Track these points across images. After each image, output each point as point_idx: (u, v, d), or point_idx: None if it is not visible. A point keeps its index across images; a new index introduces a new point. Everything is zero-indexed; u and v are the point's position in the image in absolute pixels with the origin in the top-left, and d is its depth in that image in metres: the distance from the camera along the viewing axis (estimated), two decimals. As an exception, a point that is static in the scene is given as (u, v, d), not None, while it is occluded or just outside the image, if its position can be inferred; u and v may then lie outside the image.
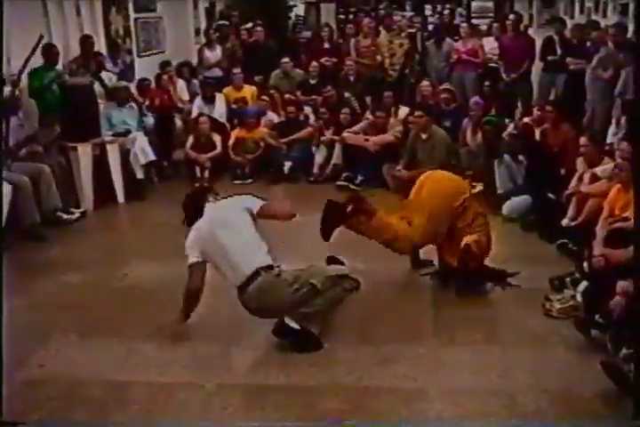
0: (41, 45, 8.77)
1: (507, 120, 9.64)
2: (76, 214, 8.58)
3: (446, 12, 16.54)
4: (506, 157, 8.47)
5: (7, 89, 8.20)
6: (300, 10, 21.08)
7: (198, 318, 5.85)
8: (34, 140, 8.56)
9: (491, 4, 19.97)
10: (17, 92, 8.51)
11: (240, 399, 4.72)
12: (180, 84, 11.95)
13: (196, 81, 12.36)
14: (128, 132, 9.72)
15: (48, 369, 5.15)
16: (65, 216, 8.44)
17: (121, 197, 9.44)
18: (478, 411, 4.49)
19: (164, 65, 11.95)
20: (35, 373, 5.10)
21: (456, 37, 12.72)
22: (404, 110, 10.45)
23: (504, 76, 11.78)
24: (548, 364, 5.02)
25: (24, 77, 8.77)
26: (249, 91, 11.96)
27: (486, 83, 11.21)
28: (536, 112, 9.38)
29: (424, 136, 9.36)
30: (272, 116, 11.27)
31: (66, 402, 4.73)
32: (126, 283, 6.72)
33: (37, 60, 9.07)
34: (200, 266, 5.53)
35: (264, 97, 11.54)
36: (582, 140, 7.62)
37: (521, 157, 8.40)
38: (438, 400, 4.62)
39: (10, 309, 5.83)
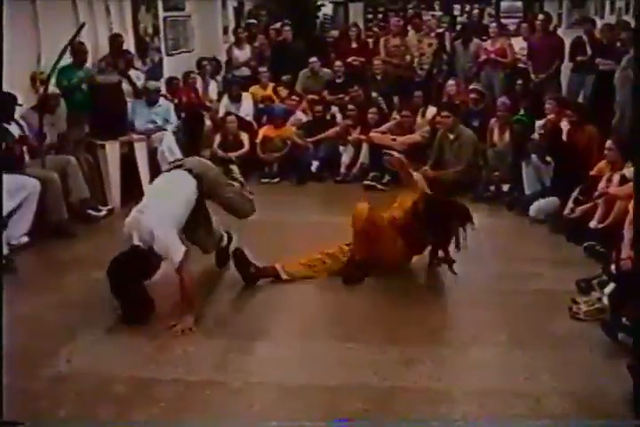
0: (76, 39, 8.85)
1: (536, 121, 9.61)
2: (104, 211, 8.63)
3: (475, 11, 16.47)
4: (533, 157, 8.44)
5: (51, 88, 8.29)
6: (327, 9, 21.07)
7: (225, 316, 5.89)
8: (64, 139, 8.64)
9: (520, 4, 19.88)
10: (54, 90, 8.60)
11: (265, 398, 4.71)
12: (211, 82, 12.00)
13: (219, 78, 12.42)
14: (159, 129, 9.77)
15: (75, 365, 5.17)
16: (93, 213, 8.50)
17: (149, 196, 9.47)
18: (503, 413, 4.47)
19: (201, 61, 12.02)
20: (62, 368, 5.13)
21: (484, 37, 12.68)
22: (431, 110, 10.44)
23: (533, 76, 11.73)
24: (574, 366, 4.98)
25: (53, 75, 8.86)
26: (275, 89, 12.00)
27: (518, 81, 11.16)
28: (548, 106, 9.34)
29: (451, 136, 9.38)
30: (300, 116, 11.28)
31: (92, 398, 4.75)
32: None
33: (67, 59, 9.13)
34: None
35: (293, 96, 11.55)
36: (608, 143, 7.58)
37: (548, 158, 8.36)
38: (463, 401, 4.60)
39: (38, 305, 5.93)
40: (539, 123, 9.28)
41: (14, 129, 7.79)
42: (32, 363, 5.18)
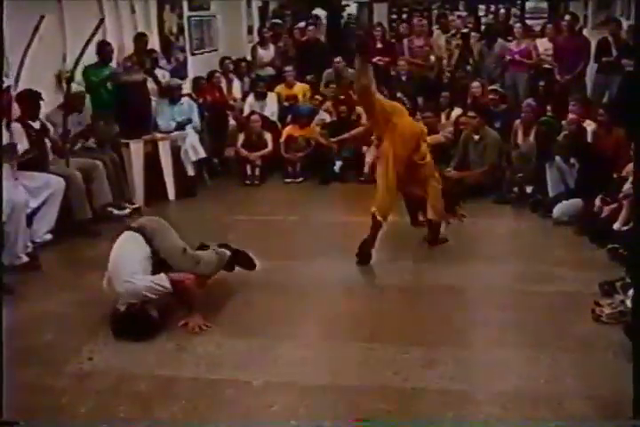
0: (97, 40, 8.90)
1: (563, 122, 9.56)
2: (127, 210, 8.67)
3: (502, 11, 16.40)
4: (558, 159, 8.40)
5: (74, 86, 8.34)
6: (352, 9, 21.05)
7: (247, 316, 5.90)
8: (87, 136, 8.68)
9: (545, 5, 19.78)
10: (79, 89, 8.65)
11: (286, 397, 4.71)
12: (235, 81, 12.03)
13: (246, 79, 12.45)
14: (182, 126, 9.82)
15: (97, 363, 5.20)
16: (116, 211, 8.54)
17: (172, 194, 9.53)
18: (525, 415, 4.45)
19: (224, 60, 12.08)
20: (84, 366, 5.16)
21: (509, 38, 12.64)
22: (456, 111, 10.42)
23: (558, 77, 11.68)
24: (597, 369, 4.96)
25: (79, 74, 8.91)
26: (301, 89, 12.01)
27: (541, 83, 11.12)
28: (571, 107, 9.29)
29: (476, 137, 9.37)
30: (324, 116, 11.28)
31: (113, 396, 4.78)
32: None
33: (92, 58, 9.19)
34: None
35: (317, 96, 11.56)
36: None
37: (573, 160, 8.32)
38: (485, 403, 4.59)
39: (62, 302, 5.96)
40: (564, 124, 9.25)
41: (37, 126, 7.82)
42: (54, 360, 5.22)
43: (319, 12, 17.77)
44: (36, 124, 7.78)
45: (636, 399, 4.11)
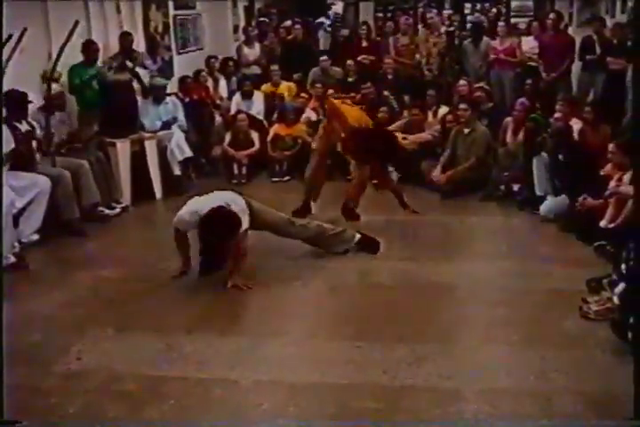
0: (82, 39, 8.89)
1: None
2: (117, 209, 8.68)
3: (494, 10, 16.45)
4: (544, 156, 8.42)
5: (55, 86, 8.32)
6: (338, 8, 21.05)
7: (235, 314, 5.91)
8: (75, 137, 8.67)
9: (531, 3, 19.83)
10: (60, 88, 8.63)
11: (275, 396, 4.72)
12: (222, 80, 12.03)
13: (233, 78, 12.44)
14: (168, 126, 9.81)
15: (85, 362, 5.19)
16: (106, 211, 8.54)
17: (158, 193, 9.53)
18: (514, 412, 4.46)
19: (209, 59, 12.07)
20: (72, 366, 5.14)
21: (496, 36, 12.66)
22: (443, 109, 10.43)
23: (544, 75, 11.71)
24: (585, 366, 4.97)
25: (64, 74, 8.89)
26: (286, 87, 12.02)
27: (528, 81, 11.15)
28: (559, 107, 9.31)
29: (466, 131, 9.43)
30: (310, 114, 11.27)
31: (102, 395, 4.76)
32: (163, 278, 6.76)
33: (77, 57, 9.16)
34: None
35: (303, 94, 11.56)
36: (611, 146, 7.52)
37: (561, 157, 8.34)
38: (473, 400, 4.59)
39: (49, 302, 5.94)
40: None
41: (25, 127, 7.80)
42: (42, 360, 5.20)
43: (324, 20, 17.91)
44: (24, 125, 7.76)
45: (637, 400, 4.13)
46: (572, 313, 5.72)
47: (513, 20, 16.86)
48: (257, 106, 11.59)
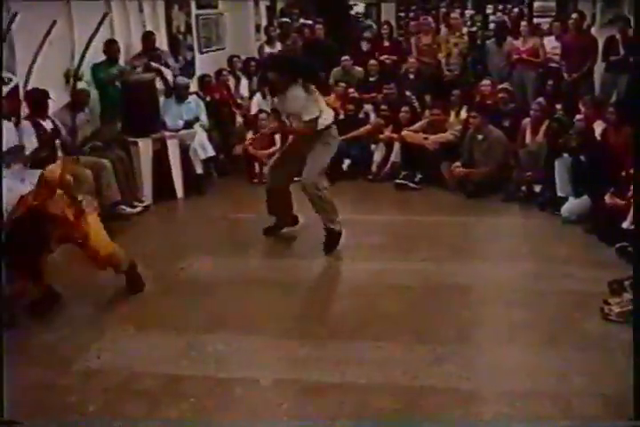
0: (104, 38, 8.92)
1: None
2: (139, 208, 8.71)
3: (515, 10, 16.36)
4: (566, 156, 8.38)
5: (79, 84, 8.35)
6: (360, 7, 21.05)
7: (255, 314, 5.91)
8: (97, 136, 8.70)
9: (553, 3, 19.73)
10: (86, 87, 8.67)
11: (295, 396, 4.73)
12: (243, 80, 12.04)
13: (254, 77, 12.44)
14: (190, 125, 9.84)
15: (105, 361, 5.21)
16: (128, 209, 8.56)
17: (180, 192, 9.54)
18: (534, 414, 4.45)
19: (232, 58, 12.09)
20: (92, 364, 5.17)
21: (519, 36, 12.59)
22: (465, 110, 10.40)
23: (565, 75, 11.65)
24: (606, 368, 4.95)
25: (87, 73, 8.93)
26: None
27: (549, 82, 11.10)
28: (582, 108, 9.25)
29: (480, 137, 9.38)
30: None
31: (121, 394, 4.78)
32: (183, 277, 6.78)
33: (100, 56, 9.21)
34: None
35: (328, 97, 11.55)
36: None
37: (583, 158, 8.30)
38: (493, 402, 4.59)
39: (70, 300, 5.96)
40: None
41: (47, 125, 7.84)
42: (62, 358, 5.23)
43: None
44: (48, 124, 7.80)
45: (637, 400, 4.11)
46: (593, 315, 5.69)
47: (535, 21, 16.75)
48: (278, 106, 11.57)
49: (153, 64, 9.93)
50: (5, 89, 7.57)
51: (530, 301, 6.10)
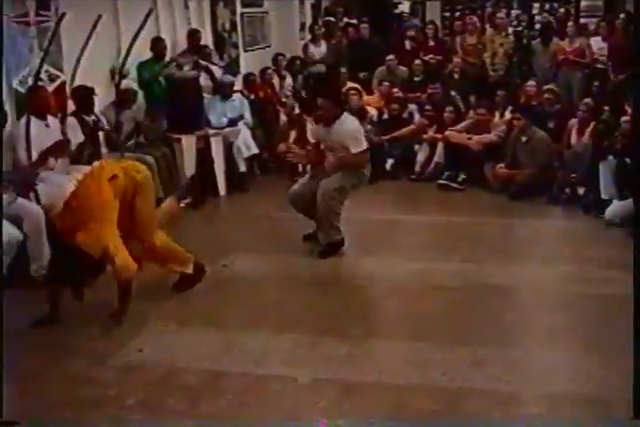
0: (150, 36, 9.00)
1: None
2: (181, 205, 8.77)
3: (561, 10, 16.23)
4: (611, 159, 8.30)
5: (125, 82, 8.42)
6: (405, 7, 21.00)
7: (295, 312, 5.93)
8: (141, 132, 8.76)
9: (600, 3, 19.56)
10: (132, 85, 8.73)
11: (332, 394, 4.72)
12: (288, 78, 12.07)
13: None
14: (234, 123, 9.88)
15: (146, 355, 5.26)
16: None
17: (222, 190, 9.58)
18: (573, 417, 4.41)
19: (277, 56, 12.14)
20: (133, 358, 5.21)
21: (565, 36, 12.50)
22: (509, 111, 10.34)
23: (612, 76, 11.54)
24: (647, 373, 4.91)
25: (133, 70, 9.00)
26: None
27: (595, 83, 11.00)
28: (628, 109, 9.16)
29: (523, 139, 9.32)
30: (372, 111, 11.26)
31: (161, 388, 4.82)
32: (225, 274, 6.81)
33: (146, 54, 9.28)
34: None
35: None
36: None
37: (628, 160, 8.22)
38: (533, 405, 4.56)
39: (112, 294, 6.00)
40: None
41: (92, 121, 7.91)
42: (103, 352, 5.27)
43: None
44: (93, 120, 7.88)
45: (637, 400, 4.07)
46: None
47: (582, 21, 16.61)
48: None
49: (201, 62, 10.00)
50: (52, 86, 7.70)
51: (571, 304, 6.06)
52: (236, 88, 10.61)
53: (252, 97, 10.99)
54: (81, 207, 5.54)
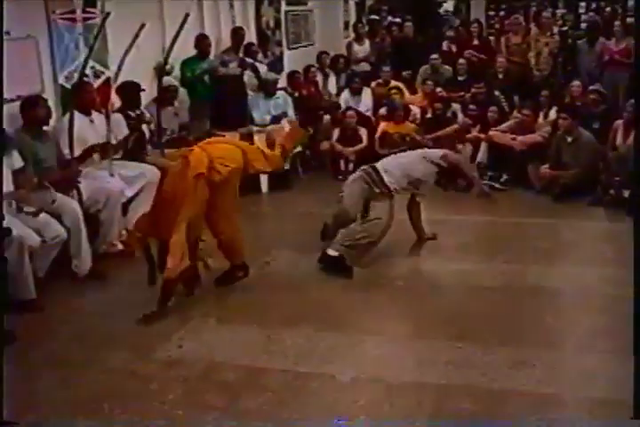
0: (195, 33, 9.06)
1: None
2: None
3: (608, 9, 16.07)
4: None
5: (166, 79, 8.47)
6: (449, 5, 20.96)
7: (336, 310, 5.94)
8: (186, 130, 8.81)
9: (649, 2, 19.36)
10: (174, 82, 8.79)
11: (371, 393, 4.73)
12: (331, 76, 12.08)
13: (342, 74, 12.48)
14: (278, 120, 9.91)
15: (186, 350, 5.31)
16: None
17: (264, 187, 9.61)
18: (613, 421, 4.37)
19: (321, 54, 12.17)
20: (173, 353, 5.26)
21: (611, 36, 12.37)
22: (554, 111, 10.25)
23: (659, 77, 11.41)
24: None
25: (177, 68, 9.06)
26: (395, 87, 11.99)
27: (641, 84, 10.88)
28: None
29: (569, 139, 9.23)
30: (414, 110, 11.24)
31: (201, 384, 4.86)
32: (268, 271, 6.84)
33: (190, 51, 9.33)
34: None
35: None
36: None
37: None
38: (573, 408, 4.54)
39: (154, 289, 6.04)
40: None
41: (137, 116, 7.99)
42: (144, 346, 5.32)
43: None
44: (135, 114, 7.94)
45: (637, 400, 4.02)
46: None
47: (629, 20, 16.44)
48: (365, 103, 11.59)
49: (247, 59, 10.04)
50: (97, 82, 7.77)
51: (613, 307, 5.99)
52: (279, 86, 10.63)
53: (296, 95, 11.00)
54: (164, 201, 5.87)
